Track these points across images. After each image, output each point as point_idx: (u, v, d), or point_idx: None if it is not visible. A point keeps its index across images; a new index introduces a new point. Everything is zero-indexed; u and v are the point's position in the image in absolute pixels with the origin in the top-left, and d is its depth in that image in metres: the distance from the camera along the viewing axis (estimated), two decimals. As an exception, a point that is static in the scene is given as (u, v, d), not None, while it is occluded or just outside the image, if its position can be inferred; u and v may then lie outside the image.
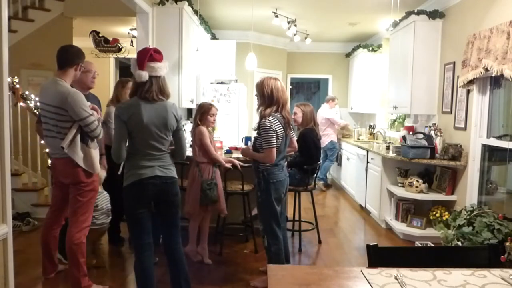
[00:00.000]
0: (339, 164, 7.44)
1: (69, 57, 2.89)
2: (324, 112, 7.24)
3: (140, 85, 2.51)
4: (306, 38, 6.87)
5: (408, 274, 1.49)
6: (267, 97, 3.01)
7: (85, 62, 3.21)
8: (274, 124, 2.94)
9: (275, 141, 2.94)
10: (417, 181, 4.45)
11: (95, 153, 2.95)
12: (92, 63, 3.47)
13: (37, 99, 4.32)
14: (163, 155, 2.59)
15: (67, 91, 2.78)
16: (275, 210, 3.06)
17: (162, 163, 2.57)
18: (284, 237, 3.23)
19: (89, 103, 2.91)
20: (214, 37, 6.80)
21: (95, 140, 2.96)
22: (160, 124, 2.52)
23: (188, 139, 3.73)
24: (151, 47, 2.78)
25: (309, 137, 4.07)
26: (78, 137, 2.82)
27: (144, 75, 2.48)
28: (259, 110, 3.06)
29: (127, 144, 2.53)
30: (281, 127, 2.99)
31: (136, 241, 2.61)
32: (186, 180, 3.84)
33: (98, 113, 2.97)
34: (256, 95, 3.14)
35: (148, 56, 2.50)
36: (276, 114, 2.99)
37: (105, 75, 6.63)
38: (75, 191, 2.92)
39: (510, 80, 3.28)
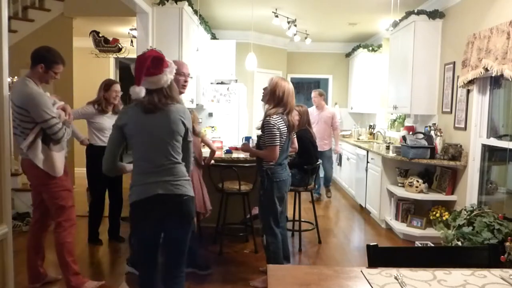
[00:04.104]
0: (339, 164, 7.44)
1: (35, 56, 2.77)
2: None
3: (140, 100, 2.19)
4: (306, 38, 6.87)
5: (408, 274, 1.49)
6: (277, 98, 3.04)
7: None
8: (278, 122, 2.96)
9: (278, 139, 2.95)
10: (417, 181, 4.44)
11: (58, 155, 2.82)
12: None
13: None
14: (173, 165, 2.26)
15: (30, 92, 2.66)
16: (275, 209, 3.08)
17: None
18: (284, 236, 3.23)
19: (62, 103, 2.83)
20: (214, 37, 6.80)
21: (62, 142, 2.85)
22: (164, 132, 2.21)
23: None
24: (150, 48, 2.33)
25: (305, 138, 4.13)
26: (40, 139, 2.72)
27: (139, 91, 2.14)
28: (265, 108, 3.07)
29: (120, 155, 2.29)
30: (285, 126, 3.01)
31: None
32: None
33: (67, 114, 2.83)
34: (264, 89, 3.15)
35: (145, 70, 2.15)
36: (282, 115, 3.02)
37: (105, 75, 6.63)
38: (46, 193, 2.84)
39: (510, 80, 3.28)
